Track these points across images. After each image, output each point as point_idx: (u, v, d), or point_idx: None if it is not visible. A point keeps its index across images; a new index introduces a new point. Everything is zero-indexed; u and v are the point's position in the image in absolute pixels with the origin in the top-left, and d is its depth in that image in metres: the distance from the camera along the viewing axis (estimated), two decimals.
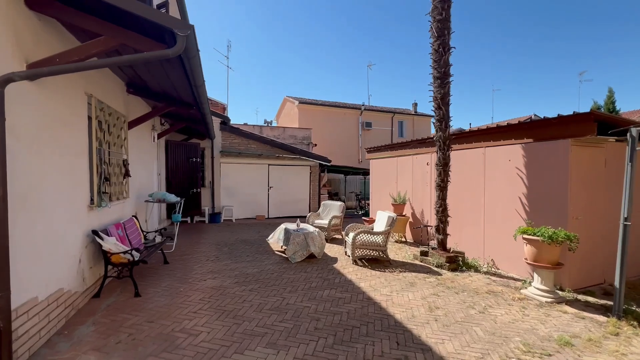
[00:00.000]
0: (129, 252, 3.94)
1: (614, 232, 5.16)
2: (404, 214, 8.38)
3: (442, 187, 6.21)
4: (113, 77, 4.86)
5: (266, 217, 11.70)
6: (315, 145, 16.97)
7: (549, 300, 4.31)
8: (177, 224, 6.92)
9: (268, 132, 15.85)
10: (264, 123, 18.44)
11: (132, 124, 5.50)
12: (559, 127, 4.90)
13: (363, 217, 10.25)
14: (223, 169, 11.15)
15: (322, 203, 8.95)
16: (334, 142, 20.07)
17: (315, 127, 18.62)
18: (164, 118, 8.19)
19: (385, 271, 5.52)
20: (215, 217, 10.51)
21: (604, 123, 4.51)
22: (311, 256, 6.24)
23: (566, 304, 4.25)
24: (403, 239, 8.38)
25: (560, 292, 4.60)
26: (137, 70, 4.59)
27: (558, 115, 4.85)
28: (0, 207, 2.29)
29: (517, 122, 5.56)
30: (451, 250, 6.32)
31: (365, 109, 21.59)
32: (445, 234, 6.20)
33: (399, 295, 4.39)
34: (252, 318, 3.55)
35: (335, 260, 6.22)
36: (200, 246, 7.04)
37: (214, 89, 74.08)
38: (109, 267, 4.01)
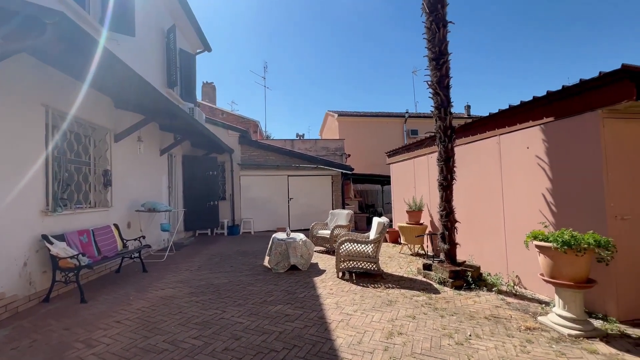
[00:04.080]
0: (75, 257, 3.91)
1: None
2: (421, 222, 7.27)
3: (444, 186, 5.16)
4: (95, 92, 5.13)
5: (288, 228, 11.37)
6: (349, 155, 16.35)
7: (575, 332, 3.05)
8: (172, 235, 6.98)
9: (300, 145, 15.80)
10: (296, 137, 18.52)
11: (121, 136, 5.75)
12: (584, 97, 3.66)
13: None
14: (243, 182, 11.26)
15: (330, 212, 8.30)
16: (375, 152, 19.17)
17: (356, 138, 18.07)
18: (177, 134, 8.59)
19: (368, 286, 4.67)
20: (233, 229, 10.56)
21: None
22: (296, 267, 5.66)
23: (601, 340, 2.95)
24: (422, 251, 7.23)
25: (596, 323, 3.26)
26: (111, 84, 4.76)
27: (580, 80, 3.63)
28: None
29: (532, 97, 4.35)
30: (465, 263, 5.14)
31: (409, 116, 20.38)
32: (453, 243, 5.07)
33: (362, 316, 3.56)
34: (168, 332, 3.14)
35: (321, 272, 5.53)
36: (195, 257, 6.97)
37: (256, 109, 78.94)
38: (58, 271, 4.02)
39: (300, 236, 6.05)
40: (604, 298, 3.45)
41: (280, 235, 6.26)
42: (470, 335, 3.07)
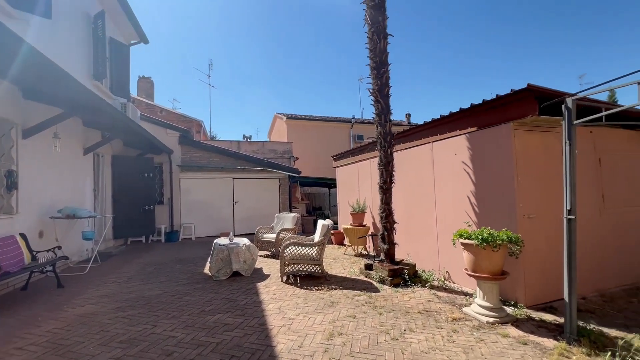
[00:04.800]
0: None
1: (584, 232, 4.29)
2: (364, 223, 7.55)
3: (384, 189, 5.43)
4: None
5: (232, 233, 10.94)
6: (297, 158, 16.37)
7: (492, 319, 3.41)
8: (96, 244, 6.25)
9: (247, 147, 15.35)
10: (243, 138, 18.02)
11: (31, 131, 4.98)
12: (500, 110, 4.15)
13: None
14: (183, 185, 10.57)
15: (276, 215, 8.19)
16: (323, 156, 19.47)
17: (304, 141, 18.11)
18: (105, 131, 7.72)
19: (312, 289, 4.69)
20: (172, 235, 9.82)
21: (546, 100, 3.74)
22: (239, 274, 5.46)
23: (512, 325, 3.35)
24: (365, 252, 7.52)
25: (509, 309, 3.70)
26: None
27: (497, 95, 4.11)
28: None
29: (459, 109, 4.81)
30: (402, 261, 5.46)
31: (356, 122, 21.07)
32: (392, 243, 5.36)
33: (305, 319, 3.56)
34: (85, 355, 2.78)
35: (265, 277, 5.41)
36: (125, 267, 6.31)
37: (200, 108, 75.50)
38: None
39: (244, 241, 5.86)
40: (515, 287, 3.93)
41: (223, 240, 5.99)
42: (404, 330, 3.25)
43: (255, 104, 67.28)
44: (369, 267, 5.43)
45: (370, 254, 7.36)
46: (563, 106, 3.11)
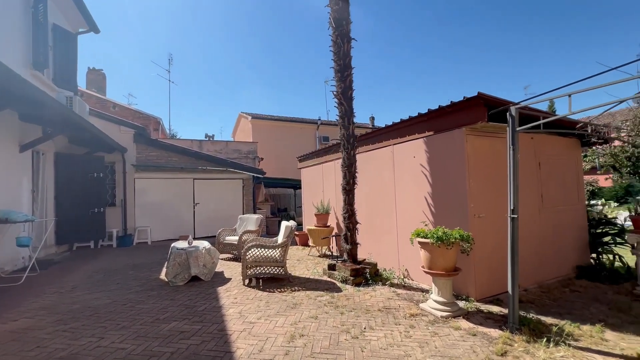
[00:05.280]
0: None
1: (526, 229, 4.69)
2: (328, 224, 7.62)
3: (347, 190, 5.53)
4: None
5: (192, 236, 10.47)
6: (262, 159, 16.11)
7: (446, 314, 3.60)
8: (34, 250, 5.65)
9: (209, 147, 14.81)
10: (205, 137, 17.37)
11: None
12: (454, 116, 4.41)
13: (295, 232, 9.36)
14: (138, 185, 9.92)
15: (239, 217, 7.99)
16: (289, 156, 19.36)
17: (270, 142, 17.87)
18: (46, 126, 7.00)
19: (275, 291, 4.63)
20: (125, 239, 9.17)
21: (494, 107, 4.04)
22: (198, 278, 5.24)
23: (464, 318, 3.56)
24: (329, 252, 7.58)
25: (461, 304, 3.93)
26: None
27: (451, 102, 4.36)
28: None
29: (417, 114, 5.04)
30: (365, 261, 5.58)
31: (321, 124, 21.20)
32: (354, 243, 5.46)
33: (267, 322, 3.50)
34: None
35: (227, 281, 5.24)
36: (69, 275, 5.78)
37: (159, 105, 71.76)
38: None
39: (204, 244, 5.63)
40: (466, 282, 4.19)
41: (181, 244, 5.71)
42: (365, 328, 3.33)
43: (219, 102, 65.14)
44: (332, 267, 5.49)
45: (334, 254, 7.44)
46: (508, 114, 3.38)
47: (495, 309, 3.84)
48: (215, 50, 60.22)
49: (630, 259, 4.97)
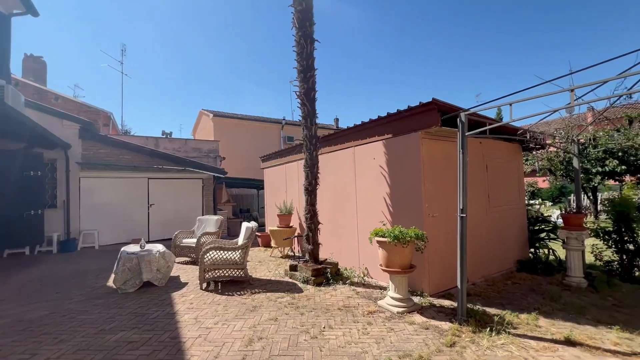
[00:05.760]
0: None
1: (475, 227, 5.04)
2: (291, 225, 7.58)
3: (309, 190, 5.55)
4: None
5: (146, 239, 9.87)
6: (224, 158, 15.61)
7: (401, 310, 3.75)
8: None
9: (166, 145, 14.05)
10: (162, 135, 16.41)
11: None
12: (411, 120, 4.61)
13: (256, 233, 9.18)
14: (84, 185, 9.11)
15: (197, 219, 7.67)
16: (252, 156, 18.93)
17: (232, 141, 17.36)
18: None
19: (234, 295, 4.51)
20: (68, 244, 8.37)
21: (447, 113, 4.29)
22: (151, 284, 4.94)
23: (418, 313, 3.74)
24: (291, 253, 7.54)
25: (416, 299, 4.12)
26: None
27: (408, 106, 4.56)
28: None
29: (377, 117, 5.20)
30: (326, 260, 5.64)
31: (286, 123, 21.01)
32: (316, 244, 5.50)
33: (224, 327, 3.40)
34: None
35: (182, 286, 5.00)
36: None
37: (111, 99, 67.11)
38: None
39: (158, 247, 5.32)
40: (421, 278, 4.40)
41: (133, 247, 5.35)
42: (324, 328, 3.36)
43: (179, 99, 62.05)
44: (293, 268, 5.47)
45: (297, 255, 7.42)
46: (458, 119, 3.61)
47: (446, 302, 4.08)
48: (175, 44, 57.30)
49: (562, 253, 5.55)
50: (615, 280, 4.87)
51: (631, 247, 5.11)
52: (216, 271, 4.94)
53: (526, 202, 6.81)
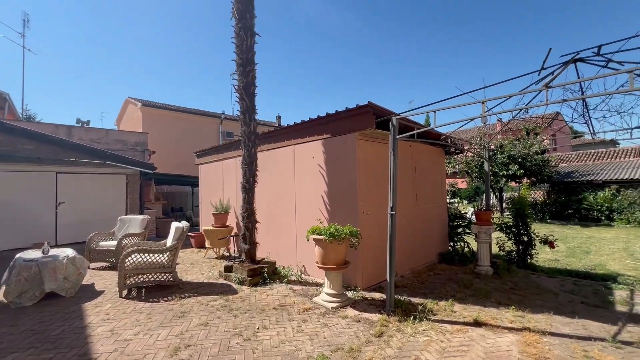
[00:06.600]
0: None
1: (404, 224, 5.43)
2: (227, 224, 7.27)
3: (247, 188, 5.38)
4: None
5: (52, 244, 8.51)
6: (154, 152, 14.23)
7: (335, 305, 3.86)
8: None
9: (82, 135, 12.29)
10: (77, 123, 14.31)
11: None
12: (348, 121, 4.76)
13: (189, 234, 8.60)
14: None
15: (118, 219, 6.88)
16: (187, 151, 17.59)
17: (164, 134, 15.93)
18: None
19: (160, 301, 4.15)
20: None
21: (381, 116, 4.53)
22: (57, 295, 4.26)
23: (351, 307, 3.89)
24: (227, 254, 7.23)
25: (350, 294, 4.28)
26: None
27: (346, 108, 4.70)
28: None
29: (317, 116, 5.27)
30: (263, 260, 5.53)
31: (226, 118, 19.99)
32: (253, 243, 5.36)
33: (146, 337, 3.09)
34: None
35: (98, 294, 4.43)
36: None
37: (10, 79, 56.99)
38: None
39: (67, 252, 4.62)
40: (355, 274, 4.59)
41: (32, 253, 4.55)
42: (258, 329, 3.28)
43: (101, 85, 54.77)
44: (228, 269, 5.25)
45: (234, 255, 7.15)
46: (390, 123, 3.84)
47: (377, 295, 4.32)
48: (98, 21, 50.37)
49: (474, 245, 6.31)
50: (513, 267, 5.71)
51: (525, 238, 6.05)
52: (140, 276, 4.49)
53: (447, 200, 7.59)
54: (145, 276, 4.52)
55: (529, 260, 6.06)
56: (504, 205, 15.40)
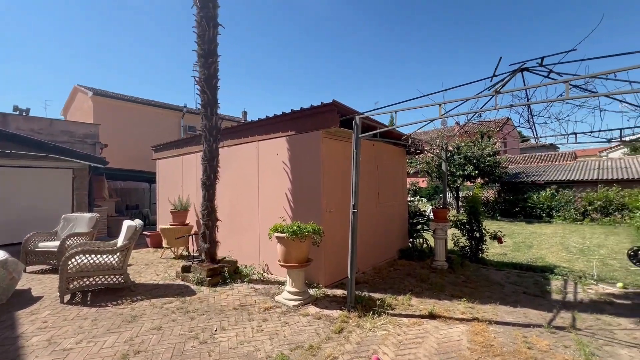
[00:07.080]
0: None
1: (367, 221, 5.54)
2: (187, 222, 6.95)
3: (207, 185, 5.17)
4: None
5: None
6: (106, 145, 13.17)
7: (297, 303, 3.84)
8: None
9: (21, 124, 11.08)
10: (15, 110, 12.81)
11: None
12: (313, 119, 4.75)
13: (144, 232, 8.08)
14: None
15: (62, 217, 6.28)
16: (144, 145, 16.46)
17: (119, 126, 14.85)
18: None
19: (108, 305, 3.85)
20: None
21: (345, 115, 4.57)
22: None
23: (313, 304, 3.89)
24: (186, 254, 6.91)
25: (312, 291, 4.29)
26: None
27: (311, 105, 4.68)
28: None
29: (282, 113, 5.19)
30: (224, 259, 5.35)
31: (188, 111, 19.04)
32: (213, 242, 5.16)
33: (89, 346, 2.85)
34: None
35: (35, 301, 4.01)
36: None
37: None
38: None
39: None
40: (317, 271, 4.61)
41: None
42: (216, 331, 3.17)
43: (46, 70, 49.55)
44: (186, 269, 5.01)
45: (193, 255, 6.85)
46: (354, 122, 3.89)
47: (339, 292, 4.37)
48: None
49: (432, 241, 6.62)
50: (466, 261, 6.08)
51: (477, 234, 6.47)
52: (85, 279, 4.13)
53: (408, 199, 7.88)
54: (91, 279, 4.17)
55: (480, 255, 6.49)
56: (460, 203, 16.36)
